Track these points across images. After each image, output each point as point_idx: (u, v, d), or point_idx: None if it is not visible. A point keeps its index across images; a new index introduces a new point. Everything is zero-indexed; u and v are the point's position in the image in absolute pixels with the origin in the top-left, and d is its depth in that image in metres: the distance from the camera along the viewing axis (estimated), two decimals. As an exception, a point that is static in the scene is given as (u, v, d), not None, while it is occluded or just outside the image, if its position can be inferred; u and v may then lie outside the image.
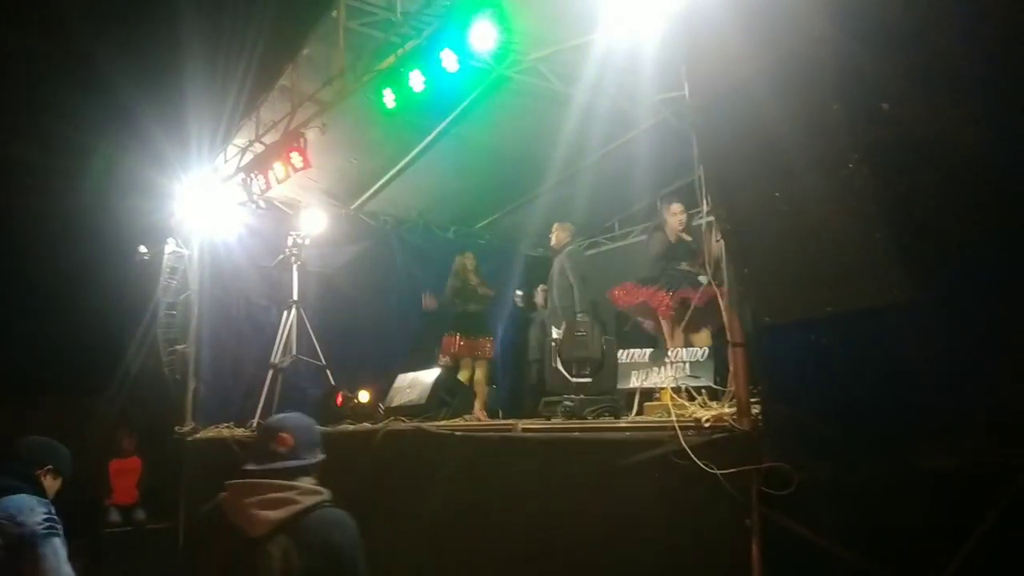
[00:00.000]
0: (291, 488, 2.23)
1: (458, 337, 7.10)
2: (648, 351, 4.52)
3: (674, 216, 6.09)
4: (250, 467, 2.30)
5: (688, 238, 6.03)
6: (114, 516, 7.25)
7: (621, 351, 4.59)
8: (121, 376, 7.98)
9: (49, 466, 3.08)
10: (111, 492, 7.42)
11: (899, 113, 2.51)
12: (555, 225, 7.09)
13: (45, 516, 2.76)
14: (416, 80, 5.17)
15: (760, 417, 2.87)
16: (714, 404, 3.37)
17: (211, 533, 2.27)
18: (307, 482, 2.30)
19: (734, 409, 3.02)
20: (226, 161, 7.50)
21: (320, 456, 2.42)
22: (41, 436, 3.23)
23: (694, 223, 5.90)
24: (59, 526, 2.80)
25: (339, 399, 6.26)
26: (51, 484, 3.09)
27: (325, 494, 2.30)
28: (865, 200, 2.51)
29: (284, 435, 2.32)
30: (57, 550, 2.71)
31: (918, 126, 2.52)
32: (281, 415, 2.46)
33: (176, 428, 7.21)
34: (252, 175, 6.85)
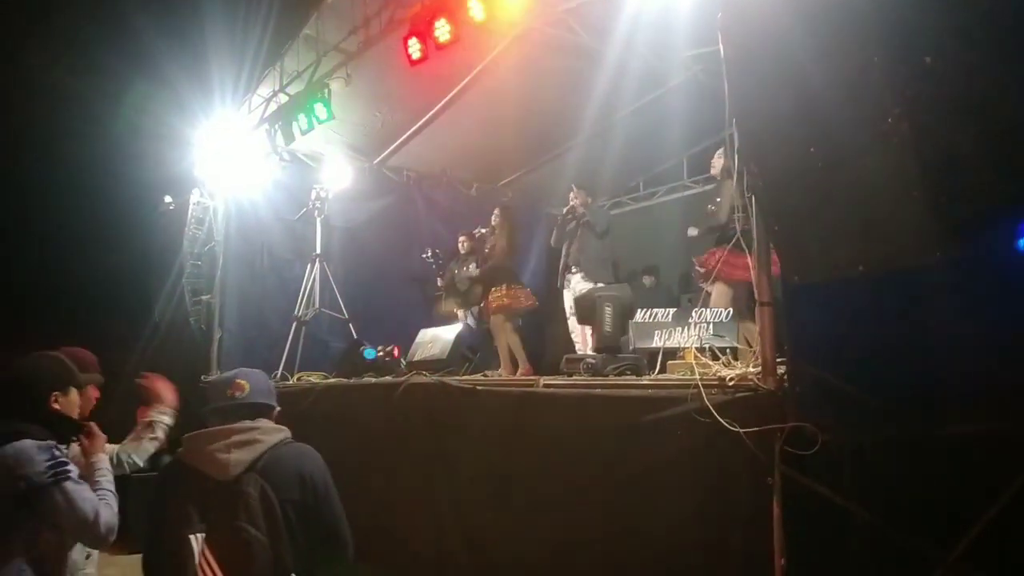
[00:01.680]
0: (253, 429, 2.32)
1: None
2: (672, 311, 4.48)
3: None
4: (211, 417, 2.38)
5: None
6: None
7: (642, 310, 4.55)
8: (148, 325, 8.10)
9: (55, 390, 2.68)
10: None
11: (942, 68, 2.43)
12: (580, 191, 6.77)
13: (48, 462, 2.43)
14: (442, 30, 5.07)
15: (785, 377, 2.85)
16: (738, 364, 3.34)
17: (176, 484, 2.31)
18: (266, 423, 2.39)
19: (759, 368, 2.99)
20: (250, 112, 7.46)
21: (275, 405, 2.49)
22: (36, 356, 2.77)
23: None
24: (64, 464, 2.46)
25: (396, 352, 6.35)
26: (67, 403, 2.72)
27: (286, 431, 2.40)
28: (903, 157, 2.44)
29: (240, 381, 2.41)
30: (69, 494, 2.42)
31: (961, 83, 2.44)
32: (234, 370, 2.52)
33: (202, 377, 7.33)
34: (276, 126, 6.82)
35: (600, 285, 6.02)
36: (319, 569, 2.36)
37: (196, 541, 2.19)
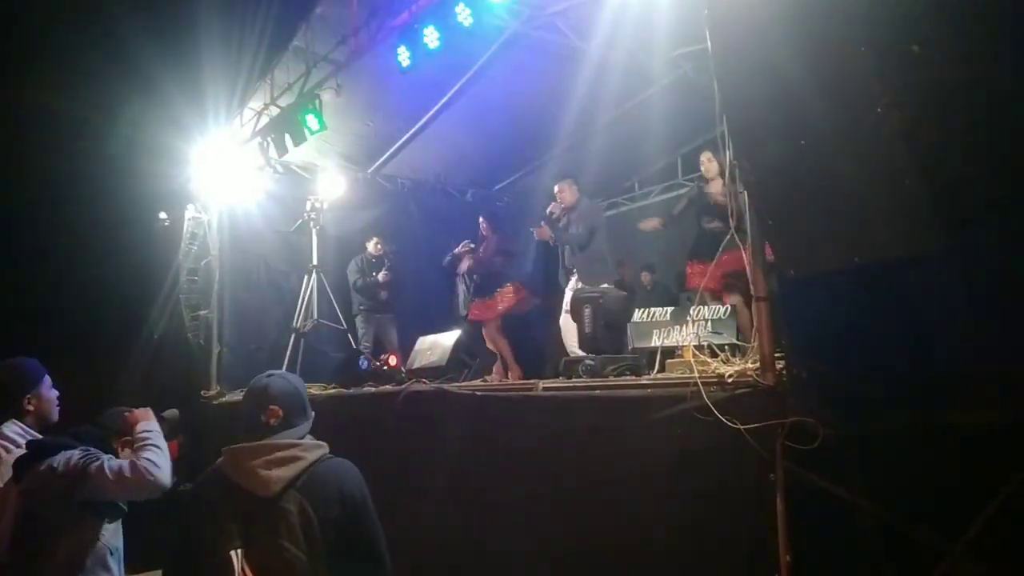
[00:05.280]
0: (294, 446, 2.30)
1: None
2: (669, 309, 4.46)
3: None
4: (245, 439, 2.34)
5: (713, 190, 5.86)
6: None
7: (639, 310, 4.54)
8: (145, 341, 8.07)
9: (126, 437, 3.05)
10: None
11: (930, 56, 2.42)
12: (563, 183, 6.60)
13: (81, 454, 2.80)
14: (431, 37, 5.07)
15: (784, 372, 2.83)
16: (736, 360, 3.32)
17: (215, 498, 2.30)
18: (308, 439, 2.38)
19: (757, 364, 2.97)
20: (242, 125, 7.46)
21: (311, 415, 2.47)
22: (121, 407, 3.22)
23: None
24: (92, 453, 2.82)
25: (395, 360, 6.33)
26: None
27: (325, 447, 2.38)
28: (894, 147, 2.43)
29: (273, 407, 2.35)
30: (104, 468, 2.74)
31: (950, 70, 2.43)
32: (264, 382, 2.43)
33: (202, 392, 7.31)
34: (268, 139, 6.81)
35: (603, 286, 5.96)
36: None
37: (236, 558, 2.18)
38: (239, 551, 2.18)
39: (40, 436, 3.10)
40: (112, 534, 2.90)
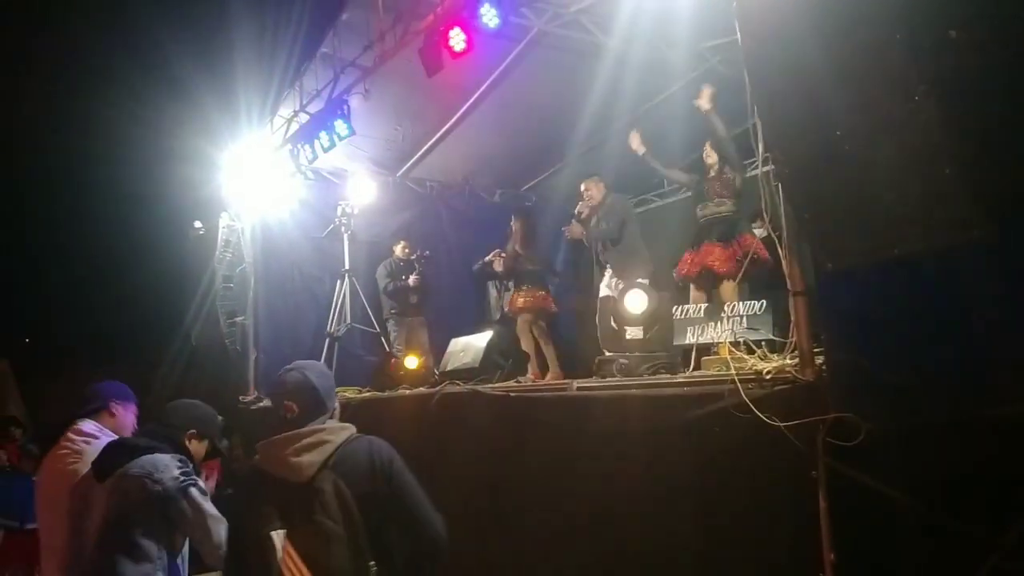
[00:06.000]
0: (319, 431, 2.38)
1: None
2: (703, 306, 4.42)
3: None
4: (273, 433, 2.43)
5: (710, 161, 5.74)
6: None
7: (676, 307, 4.50)
8: (184, 349, 8.22)
9: (193, 430, 3.12)
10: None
11: (967, 40, 2.36)
12: (589, 181, 6.55)
13: (181, 471, 2.84)
14: (457, 39, 5.07)
15: (824, 367, 2.78)
16: (774, 356, 3.28)
17: (254, 489, 2.41)
18: (332, 423, 2.47)
19: (796, 360, 2.93)
20: (273, 132, 7.55)
21: (331, 404, 2.54)
22: (190, 399, 3.33)
23: (747, 174, 5.69)
24: (196, 478, 2.88)
25: (392, 365, 6.36)
26: (196, 448, 3.14)
27: (351, 428, 2.47)
28: (933, 134, 2.37)
29: (288, 403, 2.44)
30: (195, 500, 2.80)
31: (988, 52, 2.37)
32: (281, 378, 2.53)
33: (240, 398, 7.42)
34: (299, 145, 6.89)
35: (639, 281, 5.90)
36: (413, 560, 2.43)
37: (278, 537, 2.27)
38: (281, 532, 2.28)
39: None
40: (183, 539, 3.00)
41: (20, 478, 6.12)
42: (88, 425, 3.27)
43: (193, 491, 2.83)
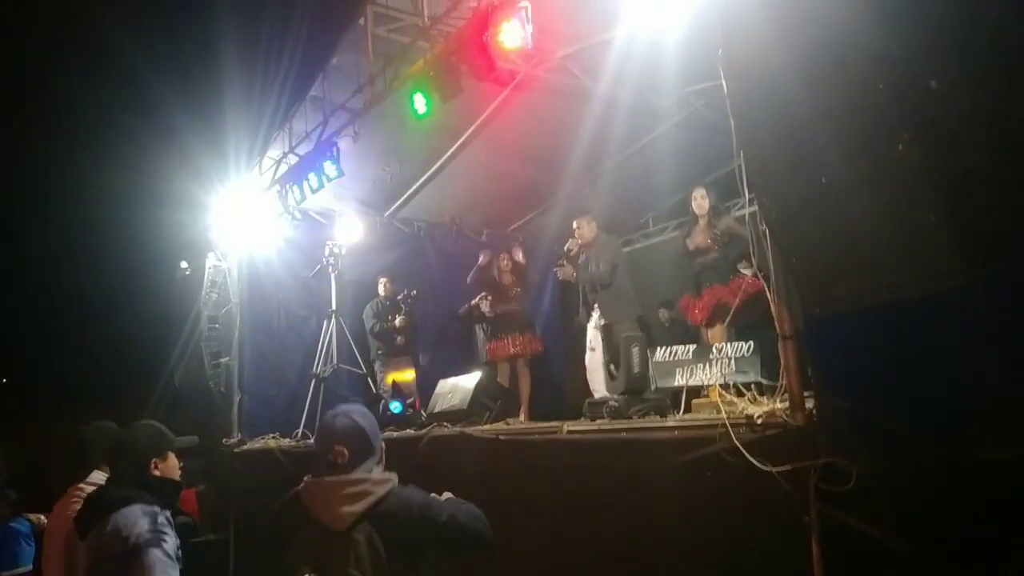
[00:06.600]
0: (364, 481, 2.40)
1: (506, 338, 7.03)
2: (691, 347, 4.41)
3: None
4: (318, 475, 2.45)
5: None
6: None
7: (661, 348, 4.49)
8: (167, 389, 8.11)
9: (153, 459, 2.94)
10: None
11: (948, 89, 2.42)
12: (581, 219, 6.67)
13: (149, 527, 2.73)
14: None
15: (814, 411, 2.78)
16: (764, 400, 3.28)
17: (293, 528, 2.41)
18: (377, 471, 2.48)
19: (786, 404, 2.93)
20: (261, 174, 7.57)
21: (379, 448, 2.54)
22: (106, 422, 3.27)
23: (735, 213, 5.80)
24: (164, 532, 2.75)
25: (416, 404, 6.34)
26: (167, 467, 2.98)
27: (394, 478, 2.47)
28: (918, 182, 2.42)
29: (339, 448, 2.42)
30: (156, 561, 2.66)
31: (969, 101, 2.42)
32: (330, 422, 2.52)
33: (223, 440, 7.30)
34: (287, 187, 6.90)
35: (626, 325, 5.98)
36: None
37: None
38: None
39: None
40: None
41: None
42: (97, 476, 3.24)
43: (154, 551, 2.69)
